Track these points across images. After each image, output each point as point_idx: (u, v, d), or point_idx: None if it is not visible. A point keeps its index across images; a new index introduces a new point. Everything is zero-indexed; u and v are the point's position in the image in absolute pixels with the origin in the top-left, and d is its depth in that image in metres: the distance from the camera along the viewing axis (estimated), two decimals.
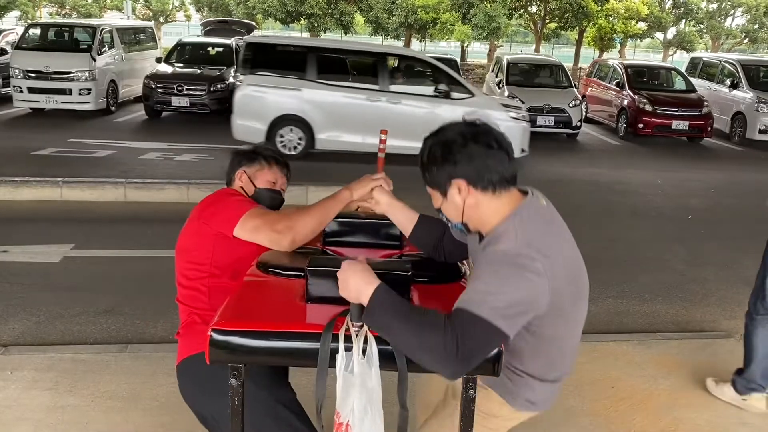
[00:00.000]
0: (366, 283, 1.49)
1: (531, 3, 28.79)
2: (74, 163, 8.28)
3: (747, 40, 32.69)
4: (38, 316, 4.15)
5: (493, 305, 1.45)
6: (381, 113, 9.16)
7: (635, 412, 3.27)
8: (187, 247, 2.05)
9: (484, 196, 1.62)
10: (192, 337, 2.00)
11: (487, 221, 1.64)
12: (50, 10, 31.99)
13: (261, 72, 9.35)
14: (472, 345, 1.43)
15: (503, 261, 1.52)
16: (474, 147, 1.60)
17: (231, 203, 2.01)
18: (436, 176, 1.64)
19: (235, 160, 2.30)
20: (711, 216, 7.70)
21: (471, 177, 1.60)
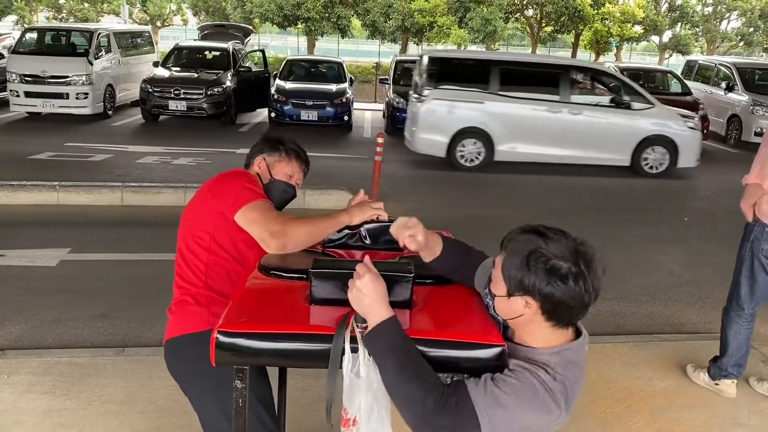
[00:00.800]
0: (380, 307, 1.48)
1: (527, 6, 28.85)
2: (71, 167, 8.27)
3: (742, 43, 32.79)
4: (35, 320, 4.15)
5: (493, 416, 1.42)
6: (562, 124, 9.50)
7: (632, 414, 3.28)
8: (192, 216, 2.07)
9: (545, 323, 1.51)
10: (182, 316, 2.02)
11: (529, 340, 1.55)
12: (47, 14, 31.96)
13: (444, 86, 9.56)
14: (449, 420, 1.42)
15: (534, 386, 1.45)
16: (572, 286, 1.45)
17: (241, 188, 2.02)
18: (516, 277, 1.48)
19: (257, 145, 2.32)
20: (707, 218, 7.72)
21: (546, 308, 1.48)
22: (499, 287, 1.54)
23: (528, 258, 1.46)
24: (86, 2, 31.31)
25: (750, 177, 3.15)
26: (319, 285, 1.62)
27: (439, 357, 1.51)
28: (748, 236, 3.27)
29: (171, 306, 2.09)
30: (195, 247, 2.03)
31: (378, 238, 2.08)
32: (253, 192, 2.03)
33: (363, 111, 15.37)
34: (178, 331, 2.02)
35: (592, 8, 26.85)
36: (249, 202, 1.98)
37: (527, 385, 1.45)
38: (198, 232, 2.02)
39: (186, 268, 2.04)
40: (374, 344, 1.47)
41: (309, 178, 2.04)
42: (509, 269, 1.49)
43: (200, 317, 1.98)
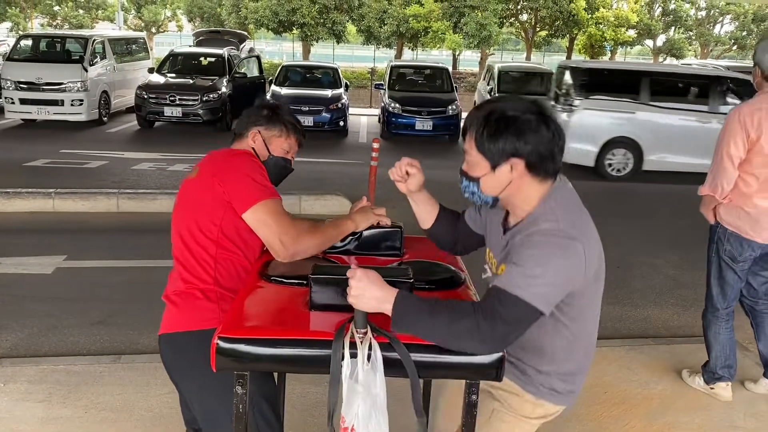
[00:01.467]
0: (384, 293, 1.51)
1: (522, 11, 28.97)
2: (66, 174, 8.27)
3: (736, 47, 32.98)
4: (31, 328, 4.14)
5: (535, 290, 1.50)
6: (713, 134, 9.46)
7: (628, 417, 3.28)
8: (196, 201, 1.96)
9: (531, 180, 1.62)
10: (191, 312, 1.93)
11: (522, 205, 1.65)
12: (41, 21, 31.95)
13: (595, 96, 9.69)
14: (509, 326, 1.49)
15: (547, 242, 1.54)
16: (545, 133, 1.58)
17: (251, 181, 1.91)
18: (496, 147, 1.57)
19: (252, 116, 2.16)
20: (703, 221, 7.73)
21: (532, 161, 1.58)
22: (480, 167, 1.62)
23: (497, 124, 1.57)
24: (81, 9, 31.33)
25: (704, 189, 3.27)
26: (319, 291, 1.63)
27: (438, 362, 1.52)
28: (713, 238, 3.35)
29: (171, 296, 1.99)
30: (202, 238, 1.94)
31: (378, 243, 2.08)
32: (264, 187, 1.93)
33: (358, 116, 15.39)
34: (185, 326, 1.94)
35: (586, 12, 26.97)
36: (261, 200, 1.89)
37: (542, 244, 1.53)
38: (205, 222, 1.93)
39: (193, 260, 1.95)
40: (406, 324, 1.50)
41: (305, 184, 2.03)
42: (484, 144, 1.59)
43: (212, 314, 1.91)
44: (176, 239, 2.01)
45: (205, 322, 1.90)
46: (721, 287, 3.37)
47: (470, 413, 1.59)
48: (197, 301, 1.94)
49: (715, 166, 3.20)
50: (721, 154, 3.14)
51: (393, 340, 1.48)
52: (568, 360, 1.78)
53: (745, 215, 3.17)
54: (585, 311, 1.72)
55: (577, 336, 1.74)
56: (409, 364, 1.48)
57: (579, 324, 1.72)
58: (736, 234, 3.22)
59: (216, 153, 2.06)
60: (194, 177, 2.00)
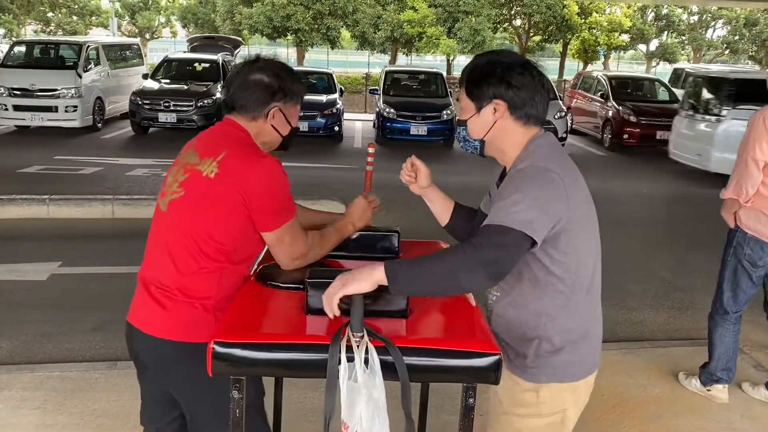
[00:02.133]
0: (369, 266, 1.56)
1: (515, 17, 29.10)
2: (61, 181, 8.24)
3: (728, 51, 33.19)
4: (26, 335, 4.12)
5: (517, 216, 1.57)
6: None
7: (625, 420, 3.29)
8: (218, 211, 1.80)
9: (515, 125, 1.72)
10: (187, 322, 1.85)
11: (508, 150, 1.75)
12: (35, 27, 31.92)
13: (743, 106, 9.59)
14: (498, 250, 1.56)
15: (524, 175, 1.65)
16: (529, 79, 1.69)
17: (280, 199, 1.83)
18: (482, 89, 1.71)
19: (266, 90, 1.91)
20: (697, 225, 7.77)
21: (514, 103, 1.70)
22: (467, 110, 1.76)
23: (483, 69, 1.71)
24: (75, 15, 31.32)
25: (727, 192, 3.26)
26: (315, 295, 1.63)
27: (435, 366, 1.52)
28: (731, 242, 3.34)
29: (161, 298, 1.87)
30: (213, 251, 1.81)
31: (375, 246, 2.08)
32: (288, 206, 1.86)
33: (353, 121, 15.40)
34: (176, 335, 1.86)
35: (579, 17, 27.13)
36: (286, 221, 1.84)
37: (519, 178, 1.65)
38: (220, 235, 1.81)
39: (195, 267, 1.82)
40: (403, 281, 1.54)
41: (300, 189, 1.99)
42: (472, 89, 1.73)
43: (208, 326, 1.80)
44: (179, 235, 1.84)
45: (202, 335, 1.79)
46: (734, 291, 3.36)
47: (467, 417, 1.58)
48: (195, 311, 1.84)
49: (739, 170, 3.18)
50: (745, 157, 3.13)
51: (388, 344, 1.48)
52: (568, 320, 1.75)
53: (766, 219, 3.16)
54: (579, 261, 1.71)
55: (574, 291, 1.73)
56: (401, 367, 1.47)
57: (573, 276, 1.71)
58: (756, 238, 3.21)
59: (234, 151, 1.84)
60: (212, 178, 1.80)
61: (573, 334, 1.78)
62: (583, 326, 1.80)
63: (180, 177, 1.88)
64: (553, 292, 1.72)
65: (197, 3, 31.46)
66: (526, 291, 1.73)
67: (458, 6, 24.68)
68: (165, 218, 1.90)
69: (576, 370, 1.82)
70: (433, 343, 1.54)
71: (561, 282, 1.71)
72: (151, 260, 1.93)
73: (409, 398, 1.50)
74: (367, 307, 1.54)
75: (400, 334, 1.58)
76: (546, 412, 1.82)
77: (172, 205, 1.88)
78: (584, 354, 1.82)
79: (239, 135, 1.91)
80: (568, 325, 1.77)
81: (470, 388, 1.56)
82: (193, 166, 1.86)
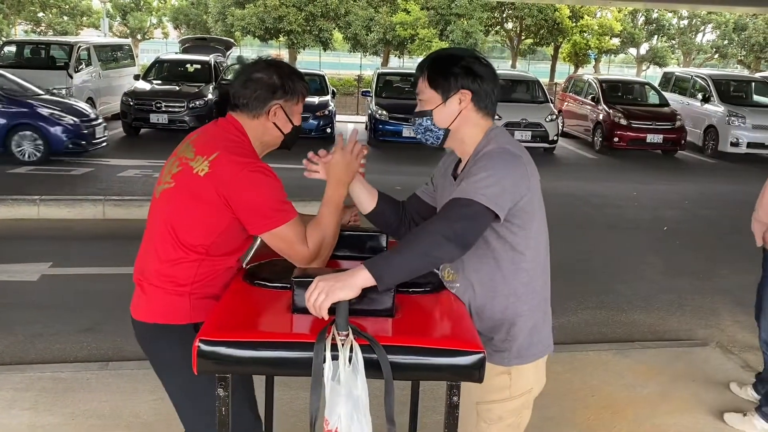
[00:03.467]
0: (353, 273, 1.57)
1: (507, 20, 29.20)
2: (51, 181, 8.21)
3: (717, 56, 33.43)
4: (17, 335, 4.10)
5: (483, 191, 1.65)
6: None
7: (615, 421, 3.31)
8: (198, 212, 1.82)
9: (476, 115, 1.81)
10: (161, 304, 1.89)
11: (467, 140, 1.83)
12: (25, 27, 31.73)
13: None
14: (464, 221, 1.63)
15: (491, 156, 1.73)
16: (490, 71, 1.81)
17: (269, 206, 1.81)
18: (446, 81, 1.78)
19: (267, 88, 1.92)
20: (686, 227, 7.83)
21: (478, 94, 1.79)
22: (431, 101, 1.82)
23: (447, 62, 1.80)
24: (65, 15, 31.14)
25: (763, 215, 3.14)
26: (302, 294, 1.63)
27: (419, 364, 1.53)
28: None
29: (143, 284, 1.93)
30: (191, 244, 1.84)
31: (363, 245, 2.09)
32: (282, 210, 1.83)
33: (345, 123, 15.40)
34: (156, 317, 1.91)
35: (570, 21, 27.25)
36: (281, 224, 1.81)
37: (486, 158, 1.73)
38: (199, 230, 1.83)
39: (176, 260, 1.86)
40: (387, 273, 1.57)
41: (291, 190, 1.97)
42: (436, 79, 1.79)
43: (182, 309, 1.87)
44: (163, 224, 1.88)
45: (173, 317, 1.89)
46: None
47: (452, 414, 1.59)
48: (168, 296, 1.89)
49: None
50: None
51: (372, 342, 1.49)
52: (532, 299, 1.83)
53: None
54: (538, 239, 1.82)
55: (536, 268, 1.83)
56: (385, 366, 1.48)
57: (533, 253, 1.81)
58: None
59: (226, 153, 1.83)
60: (202, 176, 1.81)
61: (537, 313, 1.86)
62: (544, 305, 1.89)
63: (174, 168, 1.92)
64: (517, 271, 1.80)
65: (189, 4, 31.38)
66: (491, 274, 1.80)
67: (450, 9, 24.75)
68: (156, 205, 1.95)
69: (539, 349, 1.89)
70: (417, 341, 1.55)
71: (523, 259, 1.79)
72: (143, 246, 2.00)
73: (392, 397, 1.51)
74: (352, 306, 1.55)
75: (385, 332, 1.58)
76: (517, 393, 1.87)
77: (163, 194, 1.92)
78: (545, 333, 1.91)
79: (236, 136, 1.92)
80: (532, 303, 1.85)
81: (454, 386, 1.57)
82: (187, 161, 1.89)
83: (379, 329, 1.59)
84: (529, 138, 12.25)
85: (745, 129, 12.71)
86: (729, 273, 5.95)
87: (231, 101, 1.95)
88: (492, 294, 1.81)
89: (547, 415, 3.21)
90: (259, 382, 2.30)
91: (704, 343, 4.35)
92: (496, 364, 1.82)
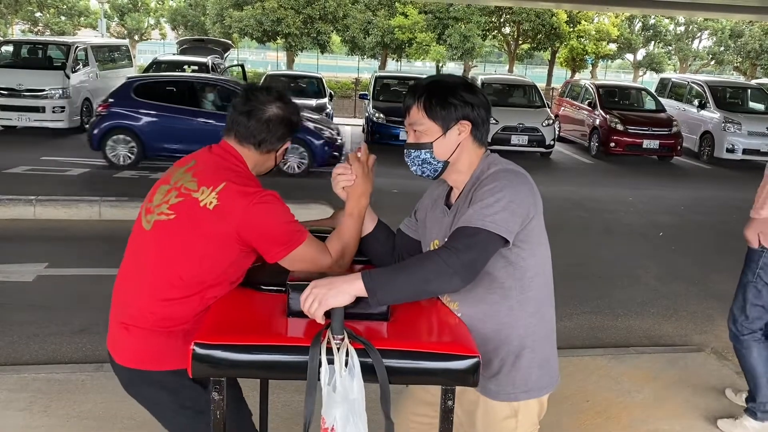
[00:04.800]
0: (346, 277, 1.57)
1: (504, 24, 29.27)
2: (48, 182, 8.19)
3: (713, 62, 33.56)
4: (12, 336, 4.09)
5: (492, 217, 1.61)
6: None
7: (610, 426, 3.31)
8: (209, 248, 1.75)
9: (473, 145, 1.78)
10: (168, 350, 1.79)
11: (464, 170, 1.79)
12: (23, 27, 31.68)
13: None
14: (472, 252, 1.59)
15: (497, 177, 1.69)
16: (483, 100, 1.78)
17: (283, 230, 1.78)
18: (446, 112, 1.73)
19: (288, 127, 1.93)
20: (681, 232, 7.85)
21: (476, 123, 1.76)
22: (430, 132, 1.76)
23: (445, 93, 1.73)
24: (63, 15, 31.10)
25: (757, 212, 3.09)
26: (297, 297, 1.63)
27: (414, 368, 1.53)
28: (756, 262, 3.15)
29: (127, 322, 1.84)
30: (195, 281, 1.77)
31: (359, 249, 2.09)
32: (297, 230, 1.80)
33: (343, 126, 15.40)
34: (147, 364, 1.83)
35: (568, 26, 27.32)
36: (298, 245, 1.77)
37: (493, 180, 1.68)
38: (205, 265, 1.77)
39: (176, 298, 1.78)
40: (383, 289, 1.56)
41: (288, 193, 1.96)
42: (435, 110, 1.74)
43: (176, 353, 1.74)
44: (162, 260, 1.80)
45: (167, 363, 1.81)
46: (764, 306, 3.21)
47: (447, 419, 1.59)
48: (160, 339, 1.80)
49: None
50: None
51: (368, 346, 1.49)
52: (541, 328, 1.78)
53: None
54: (544, 261, 1.78)
55: (543, 296, 1.78)
56: (381, 370, 1.48)
57: (541, 280, 1.77)
58: None
59: (234, 183, 1.78)
60: (211, 209, 1.74)
61: (545, 344, 1.82)
62: (552, 335, 1.84)
63: (172, 199, 1.81)
64: (525, 301, 1.74)
65: (187, 5, 31.39)
66: (497, 305, 1.73)
67: (448, 12, 24.80)
68: (148, 238, 1.83)
69: (547, 381, 1.84)
70: (412, 345, 1.55)
71: (532, 286, 1.74)
72: (125, 278, 1.90)
73: (388, 400, 1.51)
74: (348, 310, 1.55)
75: (380, 336, 1.59)
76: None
77: (158, 226, 1.81)
78: (553, 364, 1.86)
79: (236, 165, 1.87)
80: (540, 334, 1.79)
81: (449, 391, 1.57)
82: (189, 192, 1.79)
83: (374, 333, 1.59)
84: (525, 142, 12.28)
85: (740, 135, 12.78)
86: (724, 278, 5.95)
87: (232, 129, 1.89)
88: (498, 327, 1.75)
89: (542, 421, 3.20)
90: (253, 384, 2.30)
91: (699, 349, 4.36)
92: (503, 400, 1.78)
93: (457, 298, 1.76)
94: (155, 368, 1.83)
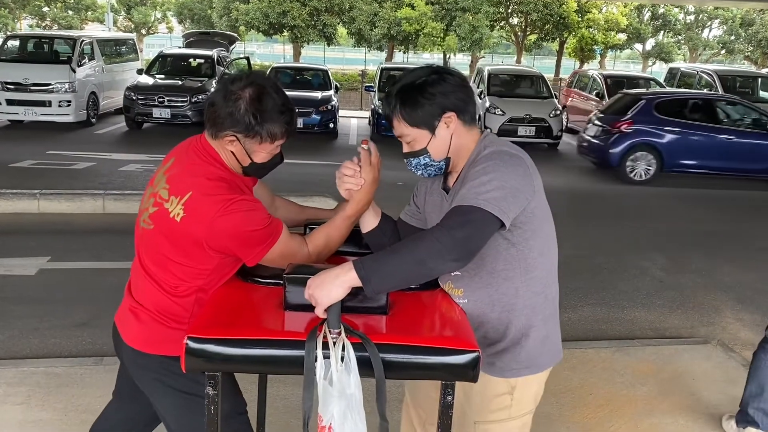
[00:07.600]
0: (339, 268, 1.53)
1: (512, 15, 29.09)
2: (53, 175, 8.20)
3: (724, 51, 33.22)
4: (13, 330, 4.09)
5: (486, 195, 1.57)
6: None
7: (613, 419, 3.28)
8: (187, 252, 1.75)
9: (464, 129, 1.73)
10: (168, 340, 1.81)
11: (463, 154, 1.75)
12: (30, 21, 31.77)
13: None
14: (466, 229, 1.54)
15: (491, 158, 1.65)
16: (455, 79, 1.71)
17: (254, 235, 1.72)
18: (427, 112, 1.69)
19: (230, 116, 1.72)
20: (692, 224, 7.77)
21: (460, 108, 1.70)
22: (420, 139, 1.72)
23: (412, 95, 1.68)
24: (70, 10, 31.18)
25: None
26: (294, 290, 1.60)
27: (412, 363, 1.50)
28: None
29: (136, 310, 1.89)
30: (188, 279, 1.80)
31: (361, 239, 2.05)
32: (271, 229, 1.74)
33: (348, 118, 15.37)
34: (153, 349, 1.87)
35: (576, 16, 27.12)
36: (273, 244, 1.74)
37: (485, 161, 1.65)
38: (186, 272, 1.78)
39: (176, 297, 1.82)
40: (377, 276, 1.51)
41: (292, 186, 1.91)
42: (413, 117, 1.69)
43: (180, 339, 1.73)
44: (153, 263, 1.83)
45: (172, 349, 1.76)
46: None
47: (446, 414, 1.56)
48: (165, 330, 1.85)
49: None
50: None
51: (365, 340, 1.46)
52: (546, 307, 1.78)
53: None
54: (549, 243, 1.76)
55: (548, 275, 1.77)
56: (377, 365, 1.45)
57: (546, 261, 1.75)
58: None
59: (199, 192, 1.71)
60: (178, 221, 1.72)
61: (550, 322, 1.81)
62: (556, 313, 1.84)
63: (150, 207, 1.81)
64: (531, 281, 1.73)
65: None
66: (503, 288, 1.71)
67: (456, 3, 24.64)
68: (144, 237, 1.86)
69: (549, 357, 1.84)
70: (410, 339, 1.52)
71: (537, 267, 1.72)
72: (135, 269, 1.95)
73: (383, 396, 1.48)
74: (346, 303, 1.52)
75: (378, 330, 1.55)
76: (518, 414, 1.82)
77: (145, 232, 1.84)
78: (556, 340, 1.86)
79: (208, 165, 1.79)
80: (546, 312, 1.78)
81: (448, 386, 1.54)
82: (162, 202, 1.77)
83: (372, 327, 1.56)
84: (533, 133, 12.20)
85: None
86: (731, 271, 5.90)
87: (206, 121, 1.80)
88: (505, 309, 1.73)
89: (544, 413, 3.17)
90: (252, 378, 2.28)
91: (705, 341, 4.30)
92: (507, 377, 1.77)
93: (462, 284, 1.74)
94: (157, 352, 1.86)
